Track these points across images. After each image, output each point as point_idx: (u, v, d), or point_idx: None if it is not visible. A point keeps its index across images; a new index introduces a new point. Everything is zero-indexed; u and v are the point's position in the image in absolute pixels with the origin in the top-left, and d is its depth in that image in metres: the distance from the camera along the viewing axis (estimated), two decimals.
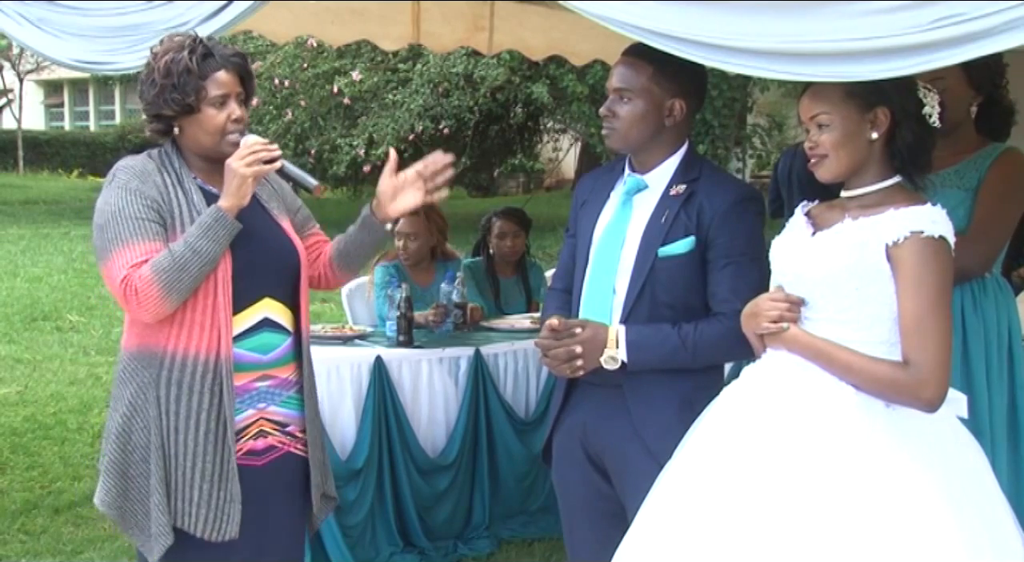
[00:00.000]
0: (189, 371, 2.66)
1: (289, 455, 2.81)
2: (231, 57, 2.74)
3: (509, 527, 4.77)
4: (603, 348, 2.66)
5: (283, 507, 2.82)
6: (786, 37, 2.26)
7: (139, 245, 2.63)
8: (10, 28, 3.88)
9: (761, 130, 15.73)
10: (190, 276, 2.59)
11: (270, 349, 2.76)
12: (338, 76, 13.94)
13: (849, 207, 2.35)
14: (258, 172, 2.66)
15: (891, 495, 2.14)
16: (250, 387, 2.74)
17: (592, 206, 2.87)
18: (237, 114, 2.73)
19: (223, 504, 2.67)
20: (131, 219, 2.65)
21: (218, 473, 2.67)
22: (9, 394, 7.11)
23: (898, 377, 2.21)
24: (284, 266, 2.79)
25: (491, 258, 5.51)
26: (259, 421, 2.76)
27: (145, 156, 2.78)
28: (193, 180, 2.77)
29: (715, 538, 2.21)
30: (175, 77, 2.67)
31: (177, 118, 2.73)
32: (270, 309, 2.77)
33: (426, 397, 4.57)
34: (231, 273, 2.67)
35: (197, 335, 2.66)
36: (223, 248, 2.63)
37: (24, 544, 4.66)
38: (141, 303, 2.60)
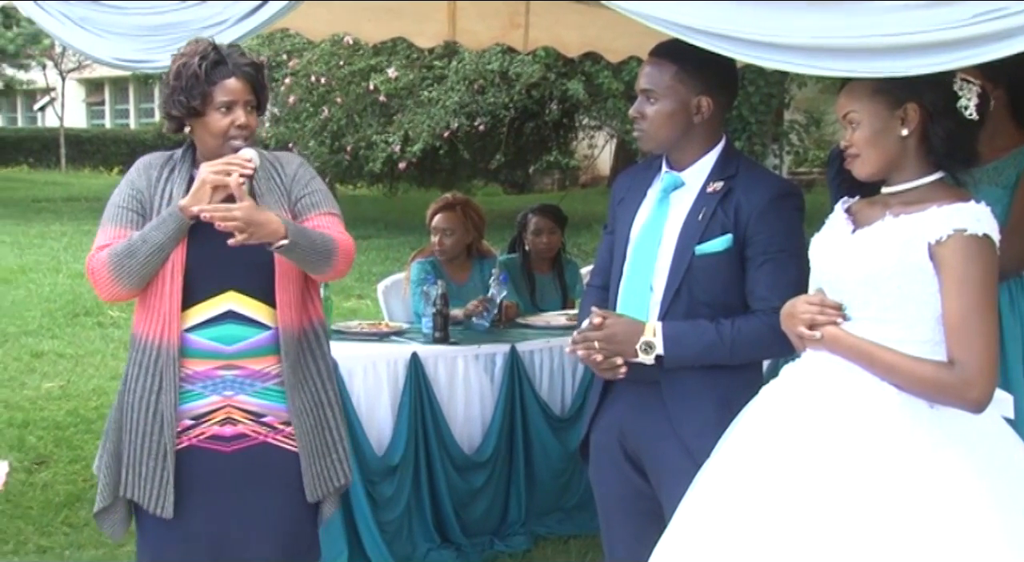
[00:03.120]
0: (145, 353, 2.83)
1: (267, 445, 2.86)
2: (244, 66, 2.83)
3: (545, 524, 4.77)
4: (638, 339, 2.65)
5: (262, 498, 2.86)
6: (823, 32, 2.23)
7: (110, 230, 2.85)
8: (53, 27, 3.92)
9: (799, 126, 15.65)
10: (138, 262, 2.76)
11: (235, 341, 2.84)
12: (374, 73, 13.97)
13: (890, 204, 2.32)
14: (217, 182, 2.74)
15: (936, 497, 2.11)
16: (212, 374, 2.83)
17: (629, 204, 2.85)
18: (241, 121, 2.82)
19: (161, 484, 2.81)
20: (114, 206, 2.88)
21: (157, 451, 2.81)
22: (52, 388, 7.19)
23: (943, 377, 2.17)
24: (254, 263, 2.82)
25: (527, 255, 5.50)
26: (226, 408, 2.84)
27: (165, 151, 2.97)
28: (192, 175, 2.87)
29: (755, 539, 2.19)
30: (184, 81, 2.79)
31: (186, 119, 2.86)
32: (236, 302, 2.84)
33: (462, 394, 4.57)
34: (185, 264, 2.79)
35: (153, 320, 2.82)
36: (171, 239, 2.77)
37: (67, 536, 4.71)
38: (96, 282, 2.82)
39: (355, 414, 4.17)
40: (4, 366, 7.78)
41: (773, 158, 15.03)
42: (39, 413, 6.57)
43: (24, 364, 7.87)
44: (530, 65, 13.10)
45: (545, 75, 13.71)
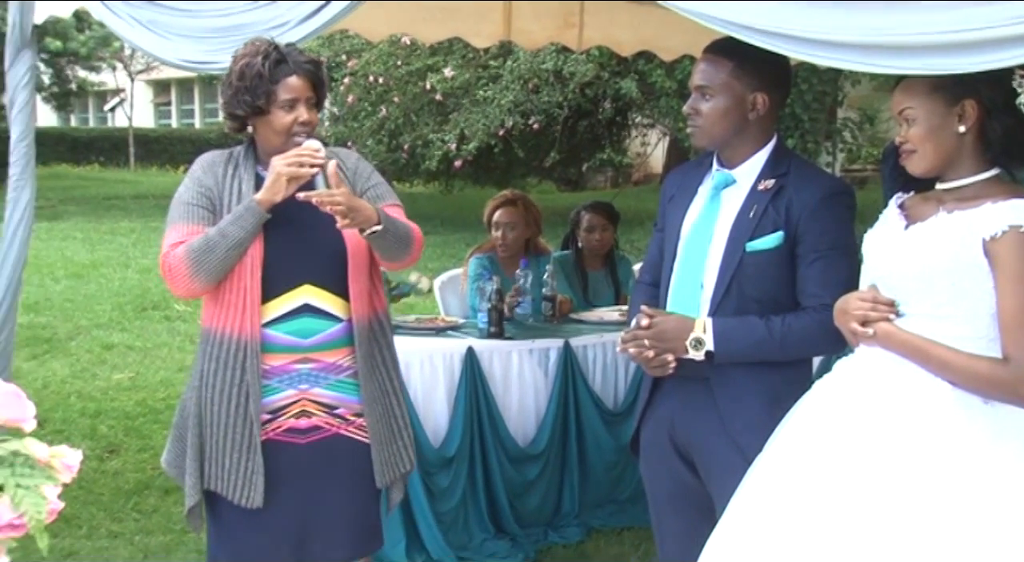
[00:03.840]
0: (223, 347, 2.81)
1: (340, 437, 2.88)
2: (304, 64, 2.85)
3: (598, 516, 4.76)
4: (688, 335, 2.63)
5: (336, 486, 2.88)
6: (878, 30, 2.20)
7: (182, 227, 2.83)
8: (123, 30, 3.97)
9: (852, 124, 15.46)
10: (217, 258, 2.74)
11: (311, 334, 2.84)
12: (431, 73, 14.02)
13: (944, 200, 2.28)
14: (292, 174, 2.74)
15: (995, 490, 2.07)
16: (289, 368, 2.84)
17: (680, 201, 2.84)
18: (304, 117, 2.83)
19: (250, 474, 2.80)
20: (183, 204, 2.86)
21: (245, 445, 2.80)
22: (122, 380, 7.30)
23: (998, 374, 2.13)
24: (328, 255, 2.85)
25: (580, 251, 5.49)
26: (301, 401, 2.85)
27: (224, 150, 2.97)
28: (256, 171, 2.89)
29: (807, 536, 2.16)
30: (248, 81, 2.81)
31: (249, 118, 2.87)
32: (312, 296, 2.84)
33: (516, 387, 4.58)
34: (263, 259, 2.79)
35: (231, 315, 2.80)
36: (250, 235, 2.76)
37: (137, 522, 4.78)
38: (173, 279, 2.80)
39: (412, 406, 4.18)
40: (77, 358, 7.90)
41: (826, 155, 14.86)
42: (110, 403, 6.67)
43: (95, 356, 7.99)
44: (584, 64, 13.06)
45: (599, 74, 13.67)
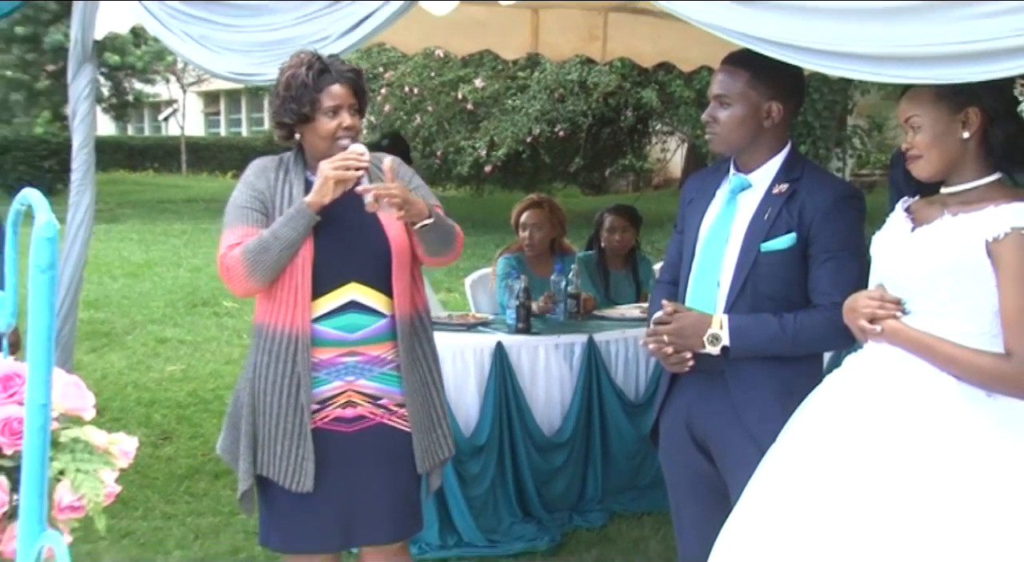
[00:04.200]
0: (276, 342, 2.82)
1: (383, 426, 2.87)
2: (346, 73, 2.86)
3: (620, 501, 4.75)
4: (705, 331, 2.63)
5: (380, 472, 2.88)
6: (887, 41, 2.19)
7: (238, 230, 2.83)
8: (176, 45, 3.99)
9: (861, 131, 15.36)
10: (271, 258, 2.75)
11: (357, 329, 2.84)
12: (462, 84, 14.02)
13: (949, 203, 2.27)
14: (340, 177, 2.75)
15: (996, 481, 2.05)
16: (336, 362, 2.83)
17: (699, 204, 2.83)
18: (348, 122, 2.84)
19: (300, 461, 2.80)
20: (238, 207, 2.87)
21: (296, 433, 2.80)
22: (175, 372, 7.34)
23: (1001, 368, 2.12)
24: (373, 255, 2.85)
25: (603, 251, 5.48)
26: (347, 392, 2.85)
27: (275, 156, 2.97)
28: (305, 176, 2.89)
29: (818, 522, 2.15)
30: (294, 90, 2.82)
31: (297, 125, 2.87)
32: (358, 293, 2.84)
33: (543, 380, 4.57)
34: (313, 258, 2.79)
35: (283, 311, 2.81)
36: (301, 236, 2.76)
37: (189, 504, 4.81)
38: (231, 279, 2.81)
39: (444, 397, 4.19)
40: (133, 351, 7.96)
41: (837, 161, 14.76)
42: (163, 393, 6.72)
43: (150, 349, 8.04)
44: (607, 75, 13.03)
45: (621, 84, 13.63)
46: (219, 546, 4.31)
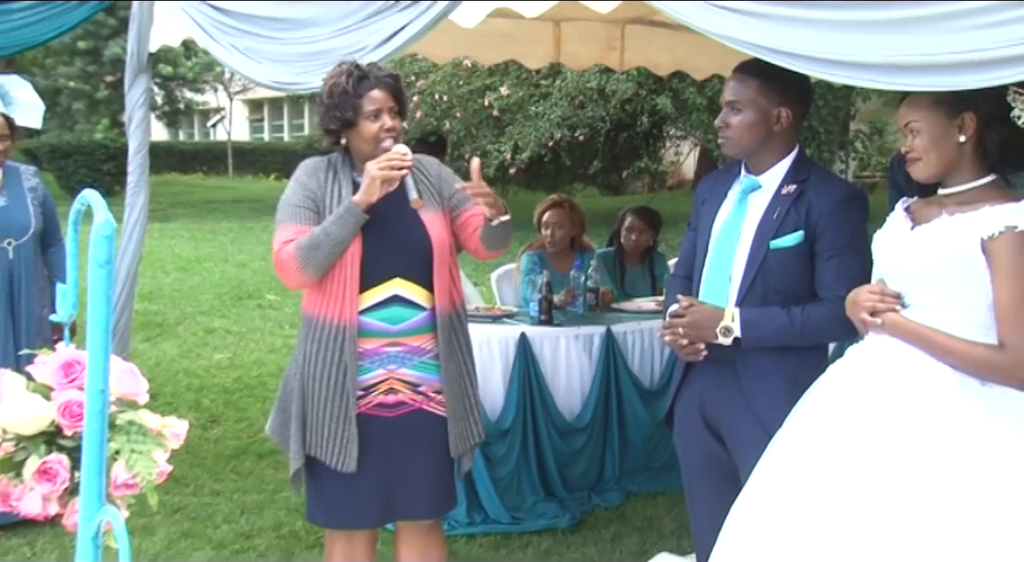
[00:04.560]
0: (324, 332, 2.81)
1: (422, 411, 2.87)
2: (384, 78, 2.86)
3: (636, 482, 4.74)
4: (718, 324, 2.62)
5: (419, 454, 2.87)
6: (888, 51, 2.18)
7: (292, 227, 2.82)
8: (224, 56, 4.01)
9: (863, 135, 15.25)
10: (322, 254, 2.75)
11: (399, 321, 2.84)
12: (489, 91, 14.01)
13: (946, 204, 2.25)
14: (386, 177, 2.74)
15: (989, 465, 2.04)
16: (380, 351, 2.83)
17: (711, 204, 2.81)
18: (389, 124, 2.83)
19: (345, 443, 2.79)
20: (290, 206, 2.86)
21: (340, 416, 2.80)
22: (222, 360, 7.38)
23: (994, 359, 2.10)
24: (415, 251, 2.85)
25: (621, 247, 5.47)
26: (389, 380, 2.84)
27: (324, 157, 2.96)
28: (352, 177, 2.89)
29: (822, 502, 2.14)
30: (336, 98, 2.82)
31: (342, 131, 2.87)
32: (401, 287, 2.84)
33: (564, 368, 4.56)
34: (361, 254, 2.78)
35: (332, 304, 2.80)
36: (351, 233, 2.76)
37: (236, 482, 4.84)
38: (285, 273, 2.81)
39: None
40: (183, 340, 8.00)
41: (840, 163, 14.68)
42: (211, 380, 6.75)
43: (199, 339, 8.08)
44: (624, 83, 12.98)
45: (637, 92, 13.58)
46: (263, 521, 4.33)
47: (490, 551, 4.05)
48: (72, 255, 1.62)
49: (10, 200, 4.22)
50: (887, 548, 2.03)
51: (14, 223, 4.18)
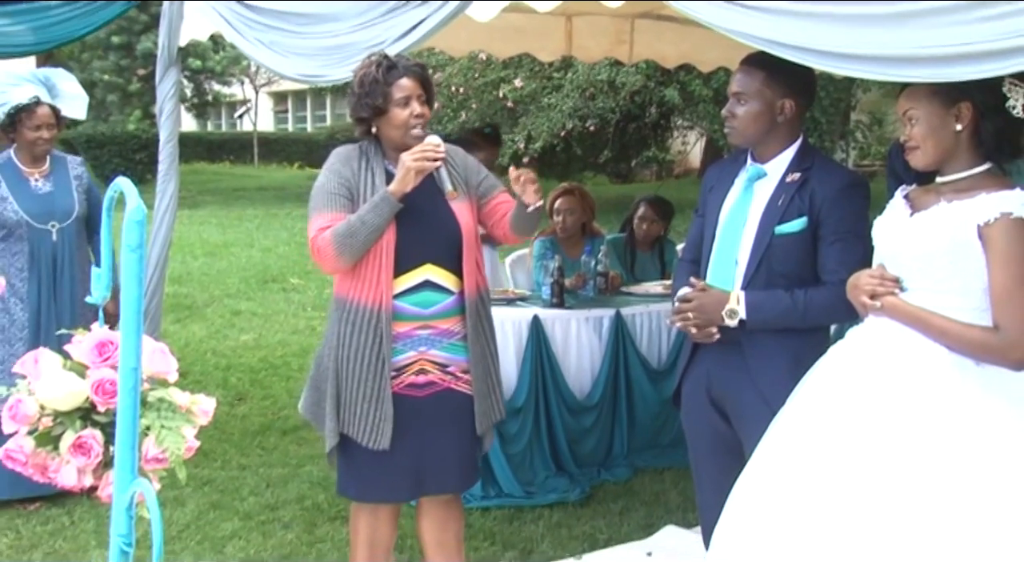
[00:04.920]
0: (359, 315, 2.79)
1: (451, 391, 2.87)
2: (412, 67, 2.85)
3: (644, 458, 4.74)
4: (724, 306, 2.62)
5: (446, 432, 2.87)
6: (888, 44, 2.16)
7: (327, 214, 2.79)
8: (250, 50, 4.02)
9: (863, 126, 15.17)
10: (358, 241, 2.72)
11: (430, 305, 2.83)
12: (503, 83, 13.99)
13: (944, 191, 2.23)
14: (420, 168, 2.73)
15: (982, 440, 2.03)
16: (412, 334, 2.82)
17: (718, 191, 2.80)
18: (418, 111, 2.82)
19: (379, 422, 2.78)
20: (325, 193, 2.83)
21: (375, 397, 2.78)
22: (248, 340, 7.41)
23: (989, 340, 2.09)
24: (445, 239, 2.84)
25: (633, 234, 5.47)
26: (420, 361, 2.84)
27: (355, 145, 2.93)
28: (384, 166, 2.86)
29: (822, 477, 2.14)
30: (367, 86, 2.81)
31: (373, 119, 2.85)
32: (432, 273, 2.83)
33: (575, 349, 4.56)
34: (395, 241, 2.77)
35: (367, 288, 2.78)
36: (386, 221, 2.74)
37: (261, 457, 4.87)
38: (322, 258, 2.78)
39: None
40: (211, 322, 8.03)
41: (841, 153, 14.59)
42: (238, 359, 6.78)
43: (226, 320, 8.11)
44: (633, 75, 12.93)
45: (646, 84, 13.52)
46: (287, 494, 4.36)
47: (503, 523, 4.06)
48: (106, 240, 1.62)
49: (56, 187, 4.26)
50: (885, 521, 2.03)
51: (58, 208, 4.21)
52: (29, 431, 1.55)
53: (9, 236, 4.15)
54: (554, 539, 3.93)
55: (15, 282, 4.15)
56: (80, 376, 1.54)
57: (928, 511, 2.01)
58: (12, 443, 1.56)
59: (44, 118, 4.17)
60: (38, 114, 4.15)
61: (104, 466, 1.54)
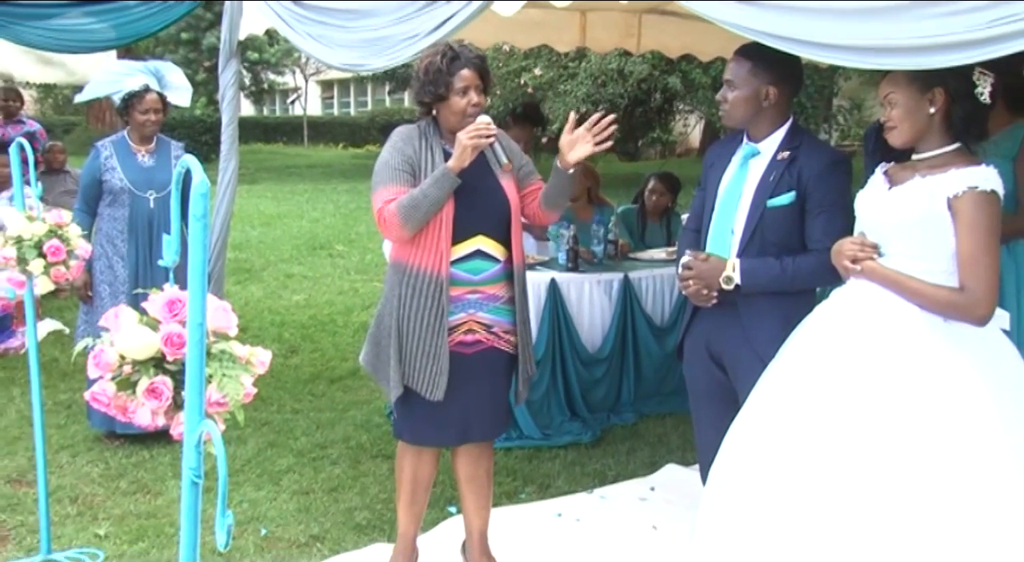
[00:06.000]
0: (420, 279, 2.74)
1: (494, 349, 2.84)
2: (473, 59, 2.78)
3: (648, 405, 4.74)
4: (721, 273, 2.61)
5: (488, 385, 2.87)
6: (868, 36, 2.13)
7: (392, 188, 2.73)
8: (300, 43, 4.00)
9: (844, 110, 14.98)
10: (421, 212, 2.68)
11: (480, 272, 2.79)
12: (524, 72, 13.90)
13: (919, 167, 2.21)
14: (476, 144, 2.69)
15: (949, 390, 2.03)
16: (463, 297, 2.78)
17: (717, 168, 2.77)
18: (475, 100, 2.77)
19: (435, 375, 2.75)
20: (390, 169, 2.76)
21: (433, 353, 2.75)
22: (299, 300, 7.44)
23: (956, 299, 2.09)
24: (496, 212, 2.80)
25: (644, 206, 5.44)
26: (468, 322, 2.80)
27: (415, 125, 2.87)
28: (442, 145, 2.82)
29: (808, 421, 2.14)
30: (431, 75, 2.76)
31: (434, 104, 2.80)
32: (483, 243, 2.79)
33: (587, 309, 4.55)
34: (453, 214, 2.72)
35: (427, 256, 2.73)
36: (446, 195, 2.69)
37: (311, 402, 4.90)
38: (388, 228, 2.73)
39: None
40: (267, 284, 8.06)
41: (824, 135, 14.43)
42: (290, 317, 6.81)
43: (280, 283, 8.13)
44: (640, 64, 12.82)
45: (651, 72, 13.41)
46: (334, 435, 4.40)
47: (524, 462, 4.09)
48: (175, 211, 1.63)
49: (158, 162, 4.31)
50: (858, 455, 2.05)
51: (156, 179, 4.26)
52: (112, 377, 1.57)
53: (114, 202, 4.23)
54: (569, 475, 3.95)
55: (117, 242, 4.24)
56: (153, 330, 1.55)
57: (898, 446, 2.02)
58: (97, 386, 1.58)
59: (152, 104, 4.23)
60: (146, 100, 4.22)
61: (174, 409, 1.56)
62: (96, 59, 6.31)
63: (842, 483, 2.04)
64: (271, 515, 3.51)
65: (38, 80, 8.26)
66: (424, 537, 3.21)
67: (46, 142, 7.12)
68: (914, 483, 1.99)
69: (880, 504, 2.00)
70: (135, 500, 3.65)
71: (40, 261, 3.01)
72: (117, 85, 4.26)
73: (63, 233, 3.07)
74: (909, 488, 1.99)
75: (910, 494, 1.98)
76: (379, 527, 3.40)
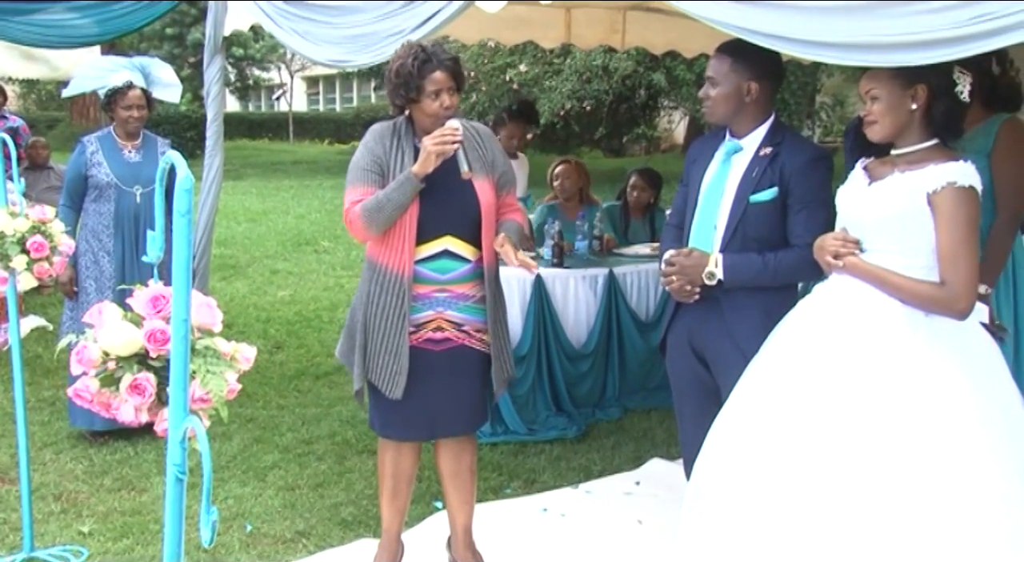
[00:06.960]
0: (386, 277, 2.77)
1: (465, 347, 2.84)
2: (445, 60, 2.75)
3: (633, 400, 4.76)
4: (704, 268, 2.61)
5: (457, 383, 2.86)
6: (850, 33, 2.15)
7: (360, 189, 2.76)
8: (285, 39, 3.99)
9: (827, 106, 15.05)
10: (384, 215, 2.70)
11: (448, 271, 2.80)
12: (509, 68, 13.89)
13: (898, 163, 2.22)
14: (440, 152, 2.68)
15: (929, 382, 2.05)
16: (430, 296, 2.79)
17: (700, 164, 2.77)
18: (447, 103, 2.75)
19: (395, 374, 2.77)
20: (359, 169, 2.79)
21: (394, 351, 2.77)
22: (284, 296, 7.41)
23: (937, 294, 2.10)
24: (465, 213, 2.80)
25: (627, 202, 5.46)
26: (437, 319, 2.81)
27: (390, 122, 2.86)
28: (414, 144, 2.80)
29: (790, 415, 2.16)
30: (402, 78, 2.74)
31: (406, 105, 2.79)
32: (451, 243, 2.79)
33: (572, 304, 4.56)
34: (418, 215, 2.73)
35: (392, 255, 2.76)
36: (409, 199, 2.70)
37: (297, 398, 4.90)
38: (353, 229, 2.77)
39: None
40: (253, 280, 8.03)
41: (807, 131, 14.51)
42: (276, 313, 6.79)
43: (265, 279, 8.11)
44: (625, 61, 12.84)
45: (636, 69, 13.43)
46: (320, 430, 4.39)
47: (509, 457, 4.09)
48: (159, 206, 1.62)
49: (144, 158, 4.29)
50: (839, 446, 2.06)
51: (143, 175, 4.25)
52: (96, 373, 1.56)
53: (100, 197, 4.21)
54: (554, 470, 3.96)
55: (103, 238, 4.22)
56: (137, 326, 1.55)
57: (876, 437, 2.04)
58: (80, 383, 1.57)
59: (135, 100, 4.21)
60: (129, 96, 4.20)
61: (158, 405, 1.55)
62: (79, 55, 6.26)
63: (825, 477, 2.06)
64: (256, 511, 3.50)
65: (21, 76, 8.20)
66: (409, 532, 3.22)
67: (29, 138, 7.07)
68: (895, 477, 2.00)
69: (862, 497, 2.01)
70: (119, 497, 3.63)
71: (23, 257, 2.99)
72: (102, 80, 4.25)
73: (46, 229, 3.05)
74: (891, 482, 2.00)
75: (892, 488, 2.00)
76: (365, 523, 3.40)
